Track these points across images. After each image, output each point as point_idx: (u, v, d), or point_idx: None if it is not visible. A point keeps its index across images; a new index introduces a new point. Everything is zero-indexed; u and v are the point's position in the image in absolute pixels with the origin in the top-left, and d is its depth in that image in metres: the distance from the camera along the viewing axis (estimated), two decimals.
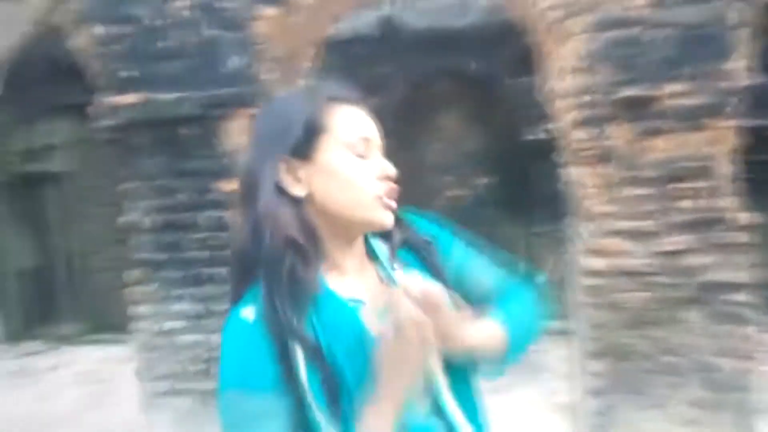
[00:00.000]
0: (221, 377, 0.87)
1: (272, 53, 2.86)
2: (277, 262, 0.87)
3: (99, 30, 2.85)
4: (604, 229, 2.59)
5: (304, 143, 0.91)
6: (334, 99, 0.96)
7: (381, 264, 0.99)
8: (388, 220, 0.95)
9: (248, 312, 0.88)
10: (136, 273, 2.90)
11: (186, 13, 2.81)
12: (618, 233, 2.56)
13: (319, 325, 0.87)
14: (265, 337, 0.85)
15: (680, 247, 2.49)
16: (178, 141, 2.82)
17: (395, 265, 0.98)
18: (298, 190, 0.92)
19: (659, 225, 2.51)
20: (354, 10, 6.16)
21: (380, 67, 6.31)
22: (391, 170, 0.96)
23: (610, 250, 2.57)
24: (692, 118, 2.48)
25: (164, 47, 2.82)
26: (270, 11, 2.76)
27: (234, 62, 2.78)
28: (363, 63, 6.32)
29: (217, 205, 2.83)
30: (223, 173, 2.80)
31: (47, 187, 6.85)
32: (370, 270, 0.99)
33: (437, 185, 6.56)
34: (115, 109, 2.84)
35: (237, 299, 0.92)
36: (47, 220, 6.85)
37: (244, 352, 0.85)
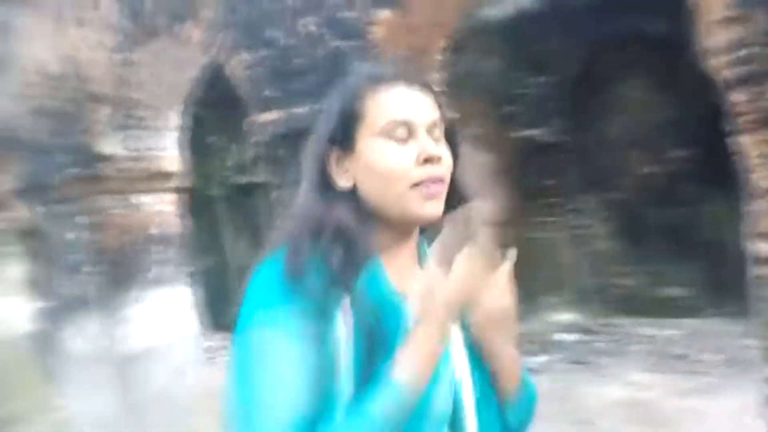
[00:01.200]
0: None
1: (394, 55, 2.88)
2: (325, 252, 0.85)
3: (245, 56, 3.17)
4: None
5: (342, 134, 0.89)
6: (373, 81, 0.90)
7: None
8: (428, 210, 0.87)
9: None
10: None
11: (312, 29, 2.98)
12: None
13: (356, 309, 0.85)
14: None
15: None
16: None
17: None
18: (343, 182, 0.89)
19: None
20: None
21: (550, 42, 5.95)
22: (433, 151, 0.86)
23: None
24: None
25: (296, 64, 3.02)
26: (385, 15, 2.80)
27: None
28: (531, 41, 6.03)
29: None
30: None
31: (256, 196, 7.78)
32: (418, 269, 0.95)
33: (625, 163, 5.97)
34: (261, 126, 3.13)
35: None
36: (258, 225, 7.78)
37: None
